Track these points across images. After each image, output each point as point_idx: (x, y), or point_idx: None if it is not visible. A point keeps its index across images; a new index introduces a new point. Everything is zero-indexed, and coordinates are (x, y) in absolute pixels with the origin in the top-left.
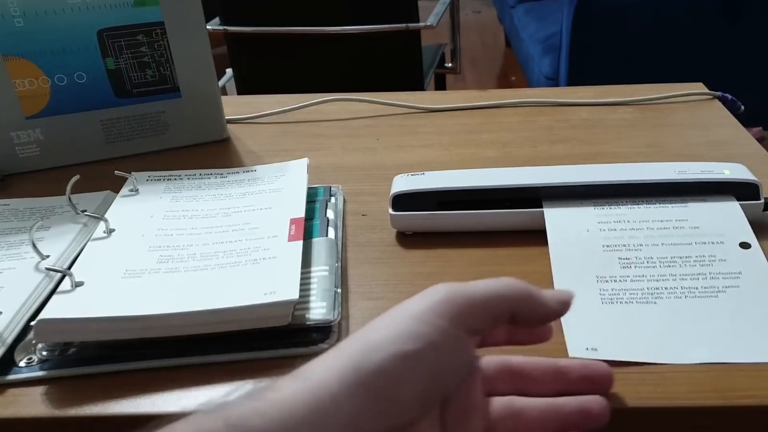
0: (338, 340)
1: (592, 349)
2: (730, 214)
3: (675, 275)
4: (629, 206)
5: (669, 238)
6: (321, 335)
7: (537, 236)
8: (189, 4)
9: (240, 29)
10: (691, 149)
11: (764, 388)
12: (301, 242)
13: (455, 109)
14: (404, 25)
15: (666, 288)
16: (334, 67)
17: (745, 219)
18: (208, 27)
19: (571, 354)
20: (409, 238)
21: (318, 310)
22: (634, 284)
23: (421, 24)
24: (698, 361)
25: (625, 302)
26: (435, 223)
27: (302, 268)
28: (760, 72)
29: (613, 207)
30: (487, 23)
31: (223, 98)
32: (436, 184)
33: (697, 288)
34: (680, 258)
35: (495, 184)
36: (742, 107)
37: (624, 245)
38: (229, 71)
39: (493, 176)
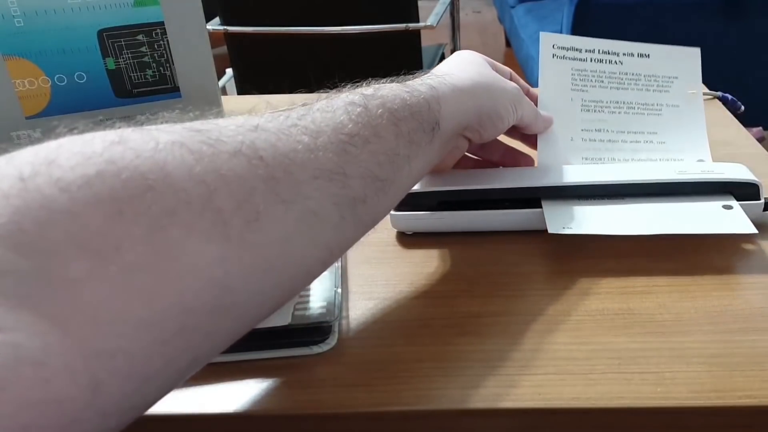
0: (338, 340)
1: (568, 227)
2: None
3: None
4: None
5: (638, 153)
6: (321, 335)
7: (538, 236)
8: (189, 4)
9: (240, 29)
10: None
11: (764, 388)
12: None
13: None
14: (404, 25)
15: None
16: (334, 67)
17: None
18: (208, 27)
19: (550, 231)
20: (409, 238)
21: (318, 310)
22: (602, 200)
23: (421, 24)
24: (656, 232)
25: (596, 204)
26: (435, 223)
27: None
28: (760, 72)
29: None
30: (487, 23)
31: (223, 98)
32: (437, 184)
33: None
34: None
35: (496, 185)
36: (742, 107)
37: (600, 159)
38: (229, 71)
39: (493, 176)
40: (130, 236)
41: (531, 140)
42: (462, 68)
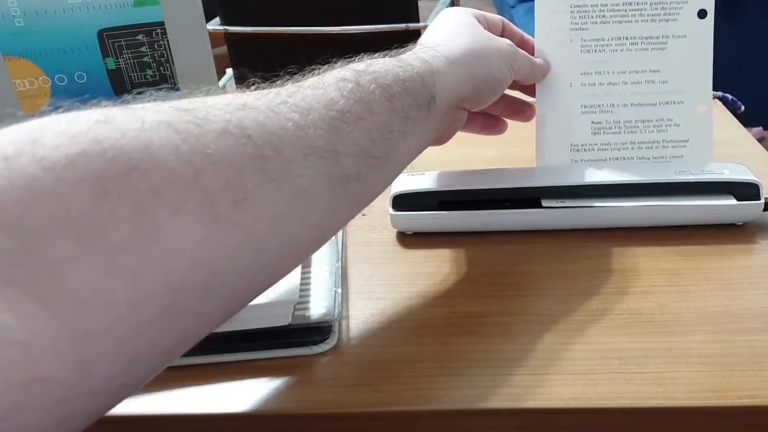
0: (338, 340)
1: (561, 202)
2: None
3: (634, 143)
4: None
5: (638, 96)
6: (321, 335)
7: (538, 236)
8: (189, 4)
9: (240, 29)
10: None
11: (764, 388)
12: None
13: None
14: (404, 25)
15: (623, 159)
16: None
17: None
18: (208, 27)
19: (544, 204)
20: (409, 238)
21: (318, 310)
22: (600, 154)
23: (421, 24)
24: (641, 203)
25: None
26: (435, 223)
27: (302, 268)
28: (760, 72)
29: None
30: None
31: None
32: (437, 184)
33: (648, 159)
34: (642, 122)
35: (496, 185)
36: (742, 107)
37: (599, 106)
38: (229, 71)
39: (493, 176)
40: (115, 217)
41: (530, 89)
42: (453, 35)
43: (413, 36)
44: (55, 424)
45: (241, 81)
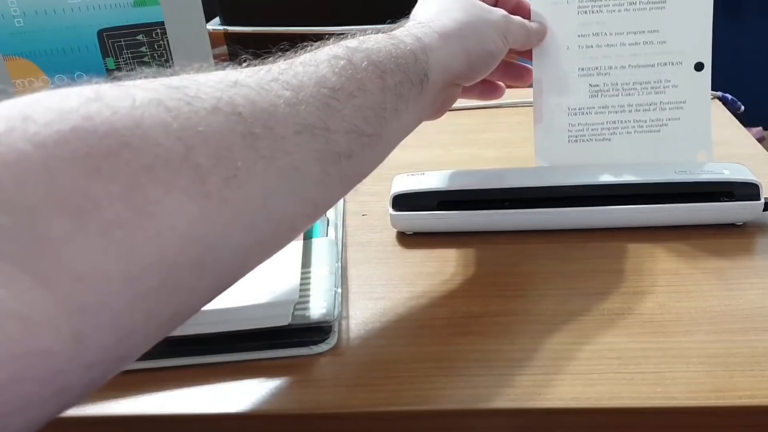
0: (338, 340)
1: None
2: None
3: (632, 105)
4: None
5: (636, 57)
6: (321, 335)
7: (538, 236)
8: (189, 4)
9: (240, 29)
10: None
11: (764, 388)
12: (301, 242)
13: (455, 108)
14: None
15: (621, 121)
16: None
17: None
18: (208, 27)
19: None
20: (409, 238)
21: (318, 310)
22: (597, 117)
23: None
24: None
25: (586, 140)
26: (435, 223)
27: (302, 268)
28: (760, 72)
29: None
30: None
31: None
32: (437, 183)
33: (645, 121)
34: (640, 84)
35: (496, 185)
36: (742, 107)
37: (596, 68)
38: None
39: (493, 176)
40: (109, 194)
41: (527, 53)
42: (446, 8)
43: None
44: (53, 395)
45: (233, 58)
